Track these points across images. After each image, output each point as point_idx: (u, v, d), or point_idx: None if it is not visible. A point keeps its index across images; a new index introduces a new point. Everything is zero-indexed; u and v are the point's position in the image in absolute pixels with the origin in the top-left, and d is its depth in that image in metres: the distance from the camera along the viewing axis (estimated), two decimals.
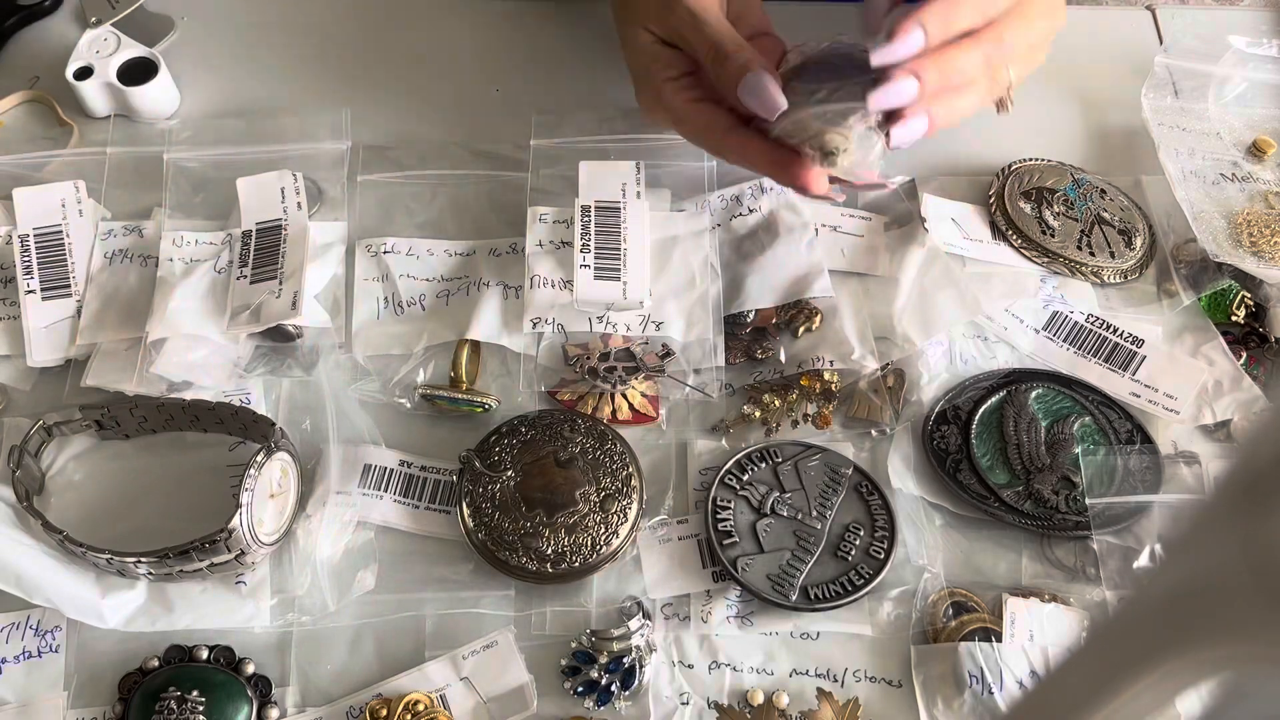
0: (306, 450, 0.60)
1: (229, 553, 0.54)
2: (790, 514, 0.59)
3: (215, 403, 0.60)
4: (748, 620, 0.57)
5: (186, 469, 0.61)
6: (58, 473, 0.60)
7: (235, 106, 0.74)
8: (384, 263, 0.67)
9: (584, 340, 0.64)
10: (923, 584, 0.57)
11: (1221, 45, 0.76)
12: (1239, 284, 0.67)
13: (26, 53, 0.77)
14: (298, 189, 0.67)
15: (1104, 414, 0.63)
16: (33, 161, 0.70)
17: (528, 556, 0.57)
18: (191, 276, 0.64)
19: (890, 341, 0.64)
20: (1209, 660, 0.25)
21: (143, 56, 0.73)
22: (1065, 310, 0.66)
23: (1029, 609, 0.56)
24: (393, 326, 0.65)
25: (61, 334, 0.63)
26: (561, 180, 0.68)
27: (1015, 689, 0.54)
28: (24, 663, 0.55)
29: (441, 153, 0.72)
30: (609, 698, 0.54)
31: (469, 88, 0.76)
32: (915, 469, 0.61)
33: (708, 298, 0.64)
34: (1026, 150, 0.72)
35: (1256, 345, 0.66)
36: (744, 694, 0.55)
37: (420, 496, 0.60)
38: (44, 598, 0.54)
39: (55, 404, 0.62)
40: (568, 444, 0.60)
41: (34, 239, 0.65)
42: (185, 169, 0.70)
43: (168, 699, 0.53)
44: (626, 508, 0.59)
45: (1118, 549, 0.58)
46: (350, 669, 0.56)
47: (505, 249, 0.67)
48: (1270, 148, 0.73)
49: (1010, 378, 0.64)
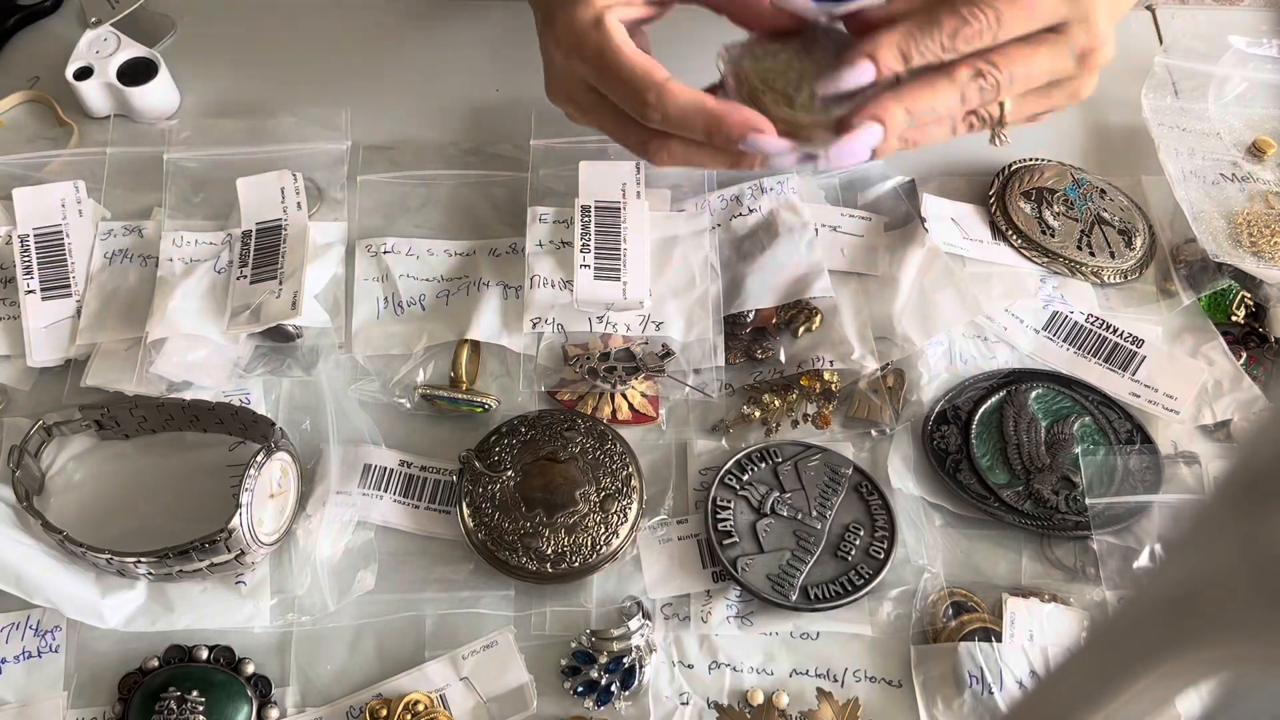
0: (306, 450, 0.60)
1: (229, 553, 0.54)
2: (790, 514, 0.59)
3: (215, 403, 0.60)
4: (748, 620, 0.57)
5: (186, 469, 0.61)
6: (58, 473, 0.60)
7: (235, 106, 0.74)
8: (384, 263, 0.67)
9: (584, 340, 0.64)
10: (923, 584, 0.58)
11: (1221, 45, 0.76)
12: (1239, 284, 0.67)
13: (26, 53, 0.77)
14: (298, 189, 0.67)
15: (1104, 414, 0.63)
16: (33, 161, 0.70)
17: (528, 556, 0.57)
18: (191, 276, 0.64)
19: (890, 341, 0.64)
20: (1209, 660, 0.25)
21: (143, 56, 0.73)
22: (1065, 310, 0.66)
23: (1029, 609, 0.56)
24: (393, 326, 0.65)
25: (61, 334, 0.63)
26: (561, 180, 0.68)
27: (1015, 689, 0.54)
28: (24, 663, 0.55)
29: (441, 153, 0.72)
30: (609, 698, 0.54)
31: (469, 88, 0.76)
32: (915, 469, 0.61)
33: (708, 298, 0.64)
34: (1026, 150, 0.72)
35: (1256, 345, 0.66)
36: (744, 694, 0.55)
37: (420, 496, 0.60)
38: (44, 598, 0.54)
39: (55, 404, 0.62)
40: (568, 444, 0.60)
41: (34, 239, 0.65)
42: (185, 169, 0.70)
43: (168, 699, 0.53)
44: (626, 508, 0.59)
45: (1118, 549, 0.58)
46: (350, 669, 0.56)
47: (505, 249, 0.67)
48: (1270, 148, 0.73)
49: (1010, 378, 0.64)
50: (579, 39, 0.55)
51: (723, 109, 0.54)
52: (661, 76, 0.54)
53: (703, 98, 0.54)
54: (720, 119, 0.53)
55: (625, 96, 0.55)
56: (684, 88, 0.54)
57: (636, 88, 0.54)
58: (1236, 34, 0.77)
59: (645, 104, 0.54)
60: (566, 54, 0.56)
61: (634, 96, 0.54)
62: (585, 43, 0.55)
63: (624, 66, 0.54)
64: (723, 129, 0.53)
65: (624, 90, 0.55)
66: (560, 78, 0.59)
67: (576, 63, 0.56)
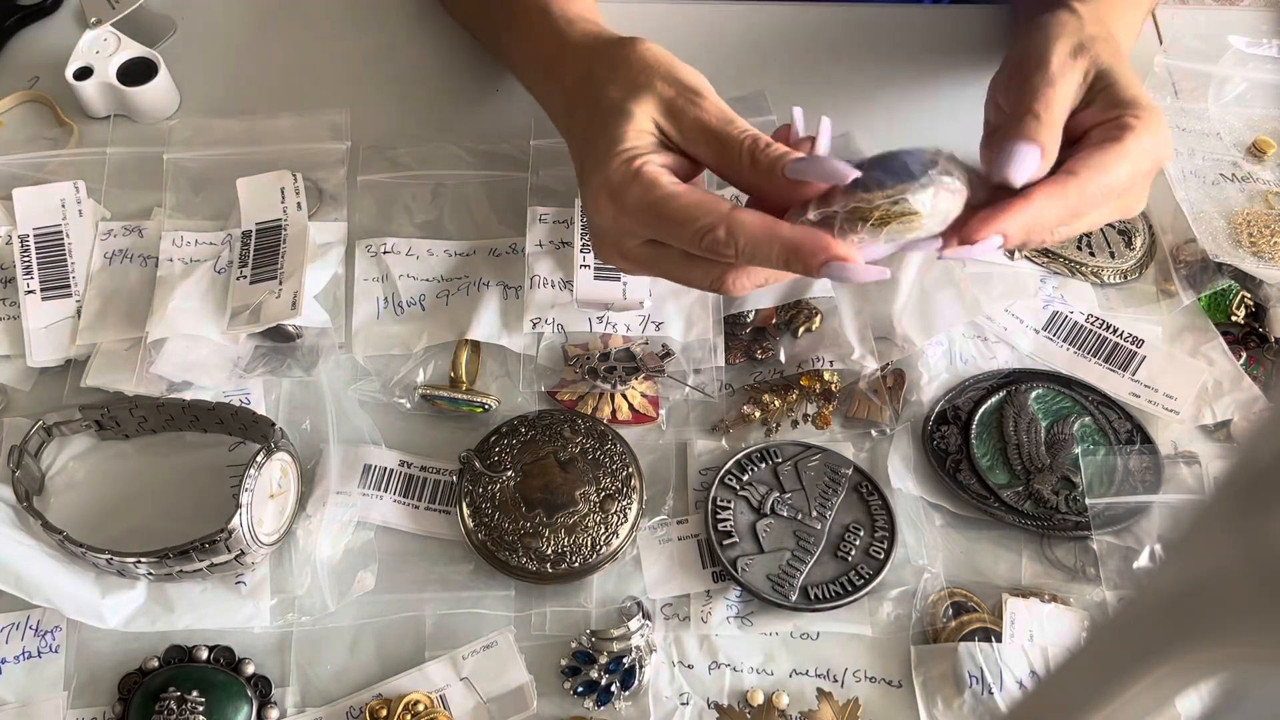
0: (306, 450, 0.60)
1: (229, 553, 0.54)
2: (790, 514, 0.59)
3: (215, 403, 0.60)
4: (748, 620, 0.57)
5: (186, 469, 0.61)
6: (58, 473, 0.60)
7: (235, 106, 0.74)
8: (384, 263, 0.67)
9: (584, 340, 0.64)
10: (923, 584, 0.58)
11: (1221, 45, 0.76)
12: (1239, 284, 0.67)
13: (26, 53, 0.77)
14: (298, 189, 0.67)
15: (1104, 414, 0.63)
16: (33, 161, 0.70)
17: (528, 556, 0.57)
18: (191, 277, 0.64)
19: (890, 341, 0.64)
20: (1209, 660, 0.25)
21: (143, 56, 0.73)
22: (1065, 310, 0.66)
23: (1029, 609, 0.56)
24: (393, 326, 0.65)
25: (61, 334, 0.63)
26: (561, 180, 0.68)
27: (1015, 689, 0.54)
28: (24, 663, 0.55)
29: (441, 153, 0.72)
30: (609, 698, 0.54)
31: (469, 88, 0.76)
32: (915, 469, 0.61)
33: (708, 298, 0.64)
34: None
35: (1256, 345, 0.66)
36: (744, 694, 0.55)
37: (420, 496, 0.60)
38: (44, 598, 0.54)
39: (55, 404, 0.62)
40: (568, 444, 0.60)
41: (34, 239, 0.65)
42: (185, 169, 0.70)
43: (168, 699, 0.53)
44: (626, 508, 0.59)
45: (1118, 549, 0.58)
46: (350, 669, 0.56)
47: (505, 249, 0.67)
48: (1270, 148, 0.73)
49: (1010, 378, 0.64)
50: (619, 198, 0.51)
51: (798, 238, 0.49)
52: (724, 207, 0.49)
53: (774, 227, 0.49)
54: (797, 248, 0.49)
55: (690, 238, 0.50)
56: (751, 214, 0.49)
57: (700, 226, 0.49)
58: (1236, 34, 0.77)
59: (716, 240, 0.49)
60: (612, 217, 0.52)
61: (700, 235, 0.49)
62: (627, 199, 0.51)
63: (681, 209, 0.50)
64: (801, 258, 0.49)
65: (687, 232, 0.50)
66: (609, 240, 0.54)
67: (624, 221, 0.52)
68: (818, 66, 0.77)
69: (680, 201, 0.50)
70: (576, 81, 0.58)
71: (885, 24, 0.79)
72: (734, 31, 0.78)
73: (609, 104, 0.54)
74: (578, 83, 0.58)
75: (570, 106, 0.59)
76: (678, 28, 0.64)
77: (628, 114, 0.53)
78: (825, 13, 0.80)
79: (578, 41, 0.60)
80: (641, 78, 0.54)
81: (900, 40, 0.78)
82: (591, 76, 0.57)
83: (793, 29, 0.79)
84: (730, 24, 0.78)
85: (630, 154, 0.52)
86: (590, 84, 0.57)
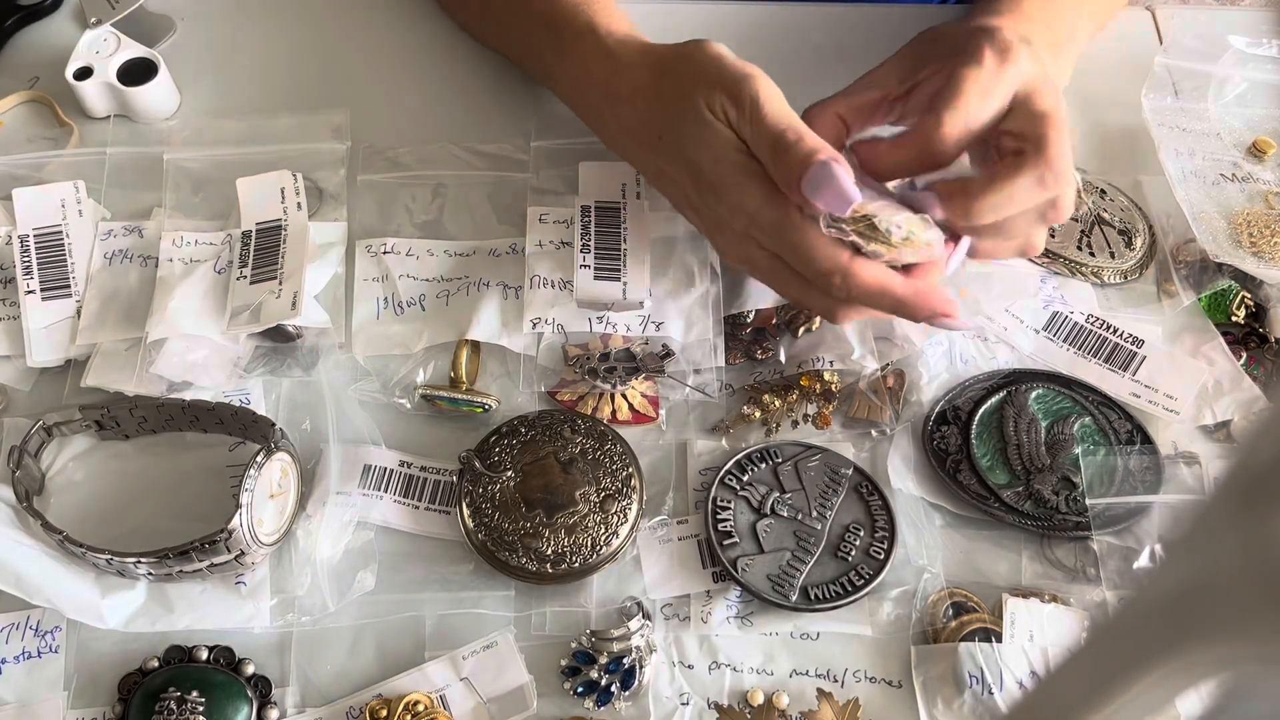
0: (306, 450, 0.60)
1: (229, 553, 0.54)
2: (790, 514, 0.59)
3: (215, 403, 0.60)
4: (748, 621, 0.57)
5: (186, 469, 0.61)
6: (58, 473, 0.60)
7: (235, 106, 0.74)
8: (384, 263, 0.67)
9: (584, 340, 0.64)
10: (923, 584, 0.58)
11: (1221, 45, 0.76)
12: (1239, 284, 0.67)
13: (26, 53, 0.77)
14: (298, 189, 0.67)
15: (1104, 414, 0.63)
16: (33, 161, 0.70)
17: (528, 557, 0.57)
18: (191, 277, 0.64)
19: (890, 341, 0.64)
20: (1209, 660, 0.25)
21: (143, 56, 0.73)
22: (1065, 310, 0.66)
23: (1029, 609, 0.56)
24: (393, 326, 0.65)
25: (61, 334, 0.63)
26: (561, 180, 0.68)
27: (1015, 689, 0.54)
28: (24, 663, 0.55)
29: (441, 153, 0.72)
30: (609, 698, 0.54)
31: (469, 88, 0.76)
32: (915, 469, 0.61)
33: (708, 298, 0.64)
34: None
35: (1256, 345, 0.66)
36: (744, 694, 0.55)
37: (420, 497, 0.60)
38: (44, 598, 0.54)
39: (55, 404, 0.62)
40: (568, 444, 0.60)
41: (34, 239, 0.65)
42: (185, 169, 0.70)
43: (167, 699, 0.53)
44: (626, 508, 0.59)
45: (1118, 549, 0.58)
46: (350, 669, 0.56)
47: (505, 249, 0.67)
48: (1270, 148, 0.73)
49: (1010, 378, 0.64)
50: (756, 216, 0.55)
51: (909, 294, 0.54)
52: (845, 258, 0.53)
53: (889, 281, 0.54)
54: (905, 305, 0.54)
55: (813, 275, 0.54)
56: (869, 267, 0.53)
57: (821, 270, 0.54)
58: (1236, 34, 0.77)
59: (831, 284, 0.54)
60: (744, 227, 0.56)
61: (821, 277, 0.54)
62: (763, 219, 0.55)
63: (808, 249, 0.54)
64: (908, 312, 0.55)
65: (811, 270, 0.54)
66: (738, 246, 0.58)
67: (756, 233, 0.56)
68: (818, 67, 0.76)
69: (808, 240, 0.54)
70: (647, 97, 0.59)
71: (885, 24, 0.79)
72: (733, 32, 0.77)
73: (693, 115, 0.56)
74: (649, 98, 0.59)
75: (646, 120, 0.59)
76: (678, 28, 0.64)
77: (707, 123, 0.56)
78: (825, 13, 0.80)
79: (633, 59, 0.61)
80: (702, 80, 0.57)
81: (900, 41, 0.78)
82: (661, 90, 0.59)
83: (792, 29, 0.79)
84: (730, 24, 0.78)
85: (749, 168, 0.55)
86: (663, 96, 0.58)
